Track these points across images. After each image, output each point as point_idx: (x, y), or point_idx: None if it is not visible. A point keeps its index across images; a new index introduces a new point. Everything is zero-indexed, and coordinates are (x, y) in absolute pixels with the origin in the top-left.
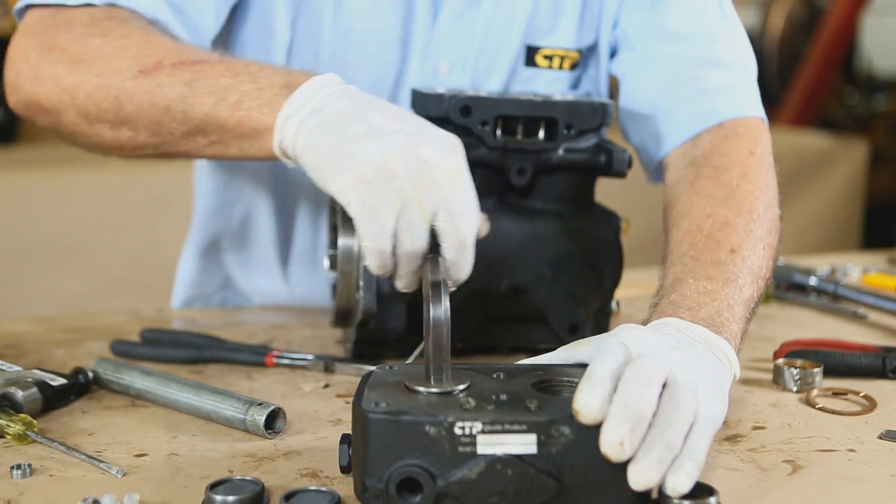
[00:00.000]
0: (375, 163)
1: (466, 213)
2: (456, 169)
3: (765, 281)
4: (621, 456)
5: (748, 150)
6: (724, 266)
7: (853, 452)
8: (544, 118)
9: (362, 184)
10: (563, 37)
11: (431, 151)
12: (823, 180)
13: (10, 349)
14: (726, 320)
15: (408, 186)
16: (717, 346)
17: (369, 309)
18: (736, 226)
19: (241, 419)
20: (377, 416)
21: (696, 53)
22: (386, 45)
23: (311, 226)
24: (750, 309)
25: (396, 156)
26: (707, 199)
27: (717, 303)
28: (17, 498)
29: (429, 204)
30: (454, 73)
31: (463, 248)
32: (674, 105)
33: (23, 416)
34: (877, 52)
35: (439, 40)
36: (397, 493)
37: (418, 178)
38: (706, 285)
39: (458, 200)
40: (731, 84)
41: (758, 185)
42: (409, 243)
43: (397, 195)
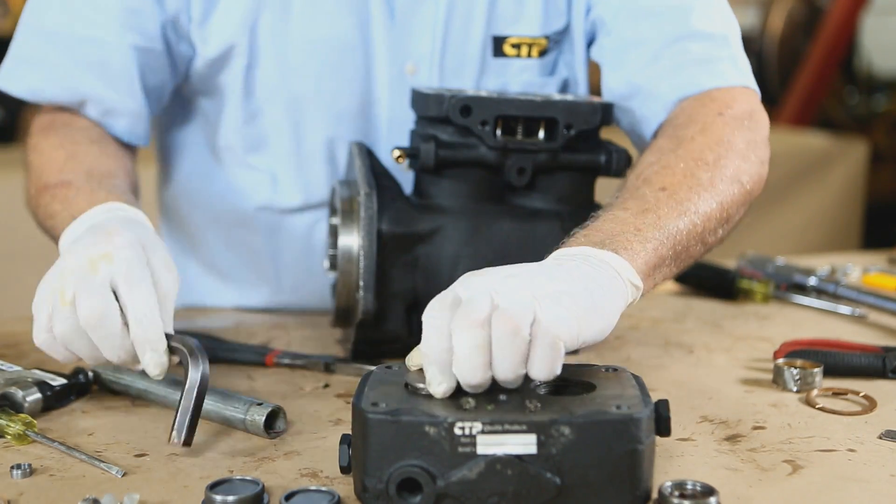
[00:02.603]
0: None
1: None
2: (107, 254)
3: (709, 222)
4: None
5: (717, 111)
6: (644, 199)
7: (853, 452)
8: (544, 118)
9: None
10: (528, 24)
11: (102, 251)
12: (823, 180)
13: (10, 349)
14: (626, 240)
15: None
16: (598, 258)
17: (369, 309)
18: (675, 169)
19: (241, 419)
20: (377, 417)
21: (673, 29)
22: (348, 51)
23: (304, 237)
24: (677, 241)
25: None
26: (656, 151)
27: (619, 226)
28: (17, 498)
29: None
30: (421, 72)
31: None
32: (653, 84)
33: (23, 416)
34: (877, 52)
35: (400, 40)
36: (397, 494)
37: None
38: (618, 214)
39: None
40: (710, 55)
41: (715, 139)
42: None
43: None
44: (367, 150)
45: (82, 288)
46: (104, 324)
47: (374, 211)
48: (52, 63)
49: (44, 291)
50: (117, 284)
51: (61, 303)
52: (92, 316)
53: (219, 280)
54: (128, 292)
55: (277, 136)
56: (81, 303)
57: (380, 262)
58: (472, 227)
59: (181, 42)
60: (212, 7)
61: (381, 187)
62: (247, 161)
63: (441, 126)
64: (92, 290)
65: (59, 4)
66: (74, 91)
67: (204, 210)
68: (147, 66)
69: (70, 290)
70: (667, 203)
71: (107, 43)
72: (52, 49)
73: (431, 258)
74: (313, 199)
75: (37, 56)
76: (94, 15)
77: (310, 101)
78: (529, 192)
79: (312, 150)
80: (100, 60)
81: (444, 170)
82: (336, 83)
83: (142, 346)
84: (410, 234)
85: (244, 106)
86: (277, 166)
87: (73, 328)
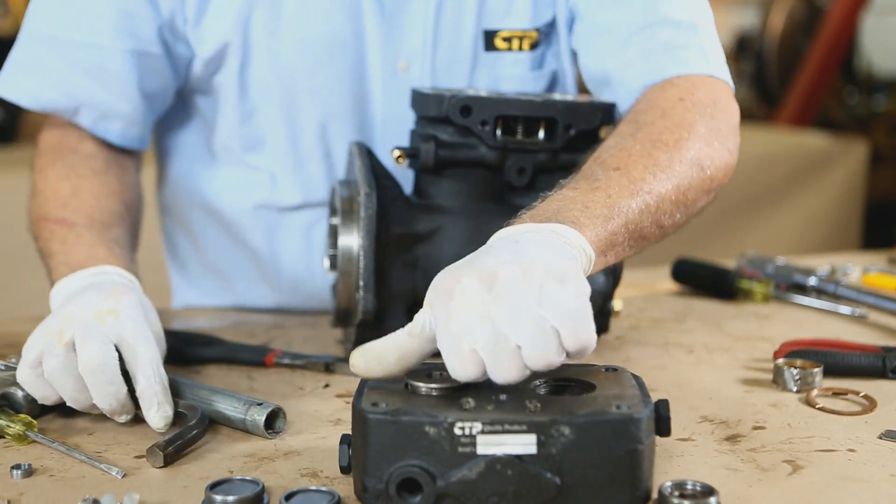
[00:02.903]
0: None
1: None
2: (115, 310)
3: (664, 203)
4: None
5: (678, 96)
6: (595, 178)
7: (853, 452)
8: (544, 118)
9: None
10: (519, 17)
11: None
12: (823, 180)
13: (10, 349)
14: (573, 215)
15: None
16: (546, 230)
17: (369, 309)
18: (631, 151)
19: (242, 419)
20: (377, 417)
21: (641, 15)
22: (340, 48)
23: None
24: (629, 219)
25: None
26: (615, 136)
27: (566, 203)
28: (17, 498)
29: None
30: (414, 68)
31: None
32: (622, 70)
33: (23, 416)
34: (877, 52)
35: (391, 37)
36: (397, 494)
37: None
38: (566, 193)
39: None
40: (677, 42)
41: (676, 123)
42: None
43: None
44: (367, 149)
45: (86, 334)
46: (104, 370)
47: (374, 211)
48: (49, 68)
49: (38, 332)
50: (124, 339)
51: (57, 342)
52: (93, 360)
53: (219, 280)
54: (135, 347)
55: (274, 134)
56: (85, 348)
57: (380, 262)
58: (472, 227)
59: (178, 44)
60: (205, 6)
61: (381, 187)
62: (245, 160)
63: (441, 126)
64: (96, 337)
65: (54, 10)
66: (70, 96)
67: (203, 209)
68: (145, 70)
69: (69, 332)
70: (618, 182)
71: (102, 48)
72: (49, 54)
73: (431, 258)
74: (312, 198)
75: (34, 62)
76: (89, 20)
77: (303, 99)
78: (529, 192)
79: (308, 148)
80: (95, 65)
81: (444, 170)
82: (329, 80)
83: (150, 400)
84: (410, 234)
85: (239, 105)
86: (275, 165)
87: (63, 366)
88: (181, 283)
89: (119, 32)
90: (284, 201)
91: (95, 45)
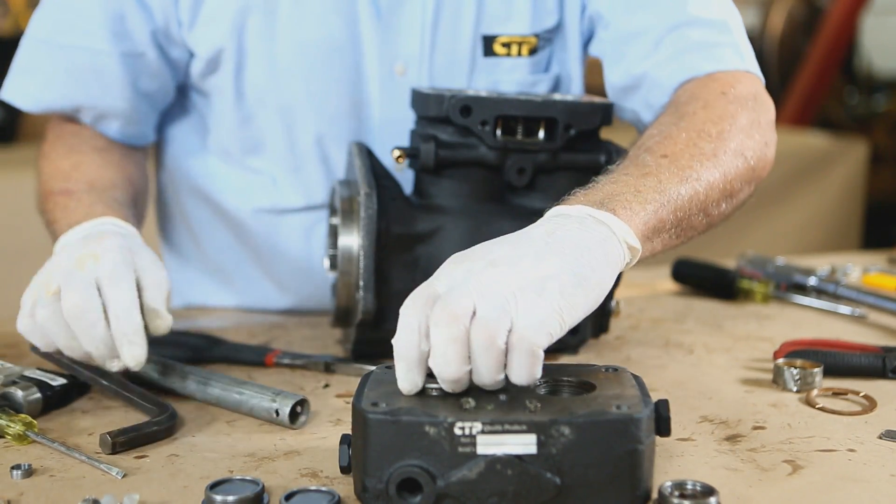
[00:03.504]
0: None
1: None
2: (95, 253)
3: (712, 191)
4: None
5: (719, 90)
6: (645, 165)
7: (853, 452)
8: (544, 118)
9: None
10: (518, 23)
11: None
12: (823, 180)
13: (10, 349)
14: (626, 200)
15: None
16: (595, 217)
17: (369, 309)
18: (677, 139)
19: (269, 407)
20: (377, 417)
21: (670, 16)
22: (336, 52)
23: (303, 239)
24: (678, 206)
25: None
26: (658, 125)
27: (619, 187)
28: (17, 498)
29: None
30: (411, 72)
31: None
32: (655, 72)
33: (23, 416)
34: (877, 52)
35: (388, 40)
36: (397, 494)
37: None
38: (618, 177)
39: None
40: (710, 40)
41: (718, 114)
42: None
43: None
44: (367, 150)
45: (67, 282)
46: (85, 316)
47: (374, 211)
48: (48, 72)
49: (33, 284)
50: (101, 282)
51: (46, 292)
52: (74, 308)
53: (219, 280)
54: (109, 289)
55: (272, 138)
56: (65, 295)
57: (380, 262)
58: (472, 227)
59: (173, 48)
60: (197, 11)
61: (381, 187)
62: (245, 163)
63: (441, 126)
64: (76, 284)
65: (53, 16)
66: (68, 98)
67: (203, 211)
68: (141, 72)
69: (55, 282)
70: (668, 168)
71: (97, 51)
72: (48, 59)
73: (431, 258)
74: (312, 201)
75: (34, 66)
76: (84, 25)
77: (300, 103)
78: (529, 192)
79: (307, 152)
80: (91, 68)
81: (444, 170)
82: (326, 84)
83: (119, 340)
84: (410, 234)
85: (237, 109)
86: (275, 169)
87: (53, 316)
88: (180, 281)
89: (113, 36)
90: (286, 204)
91: (91, 49)
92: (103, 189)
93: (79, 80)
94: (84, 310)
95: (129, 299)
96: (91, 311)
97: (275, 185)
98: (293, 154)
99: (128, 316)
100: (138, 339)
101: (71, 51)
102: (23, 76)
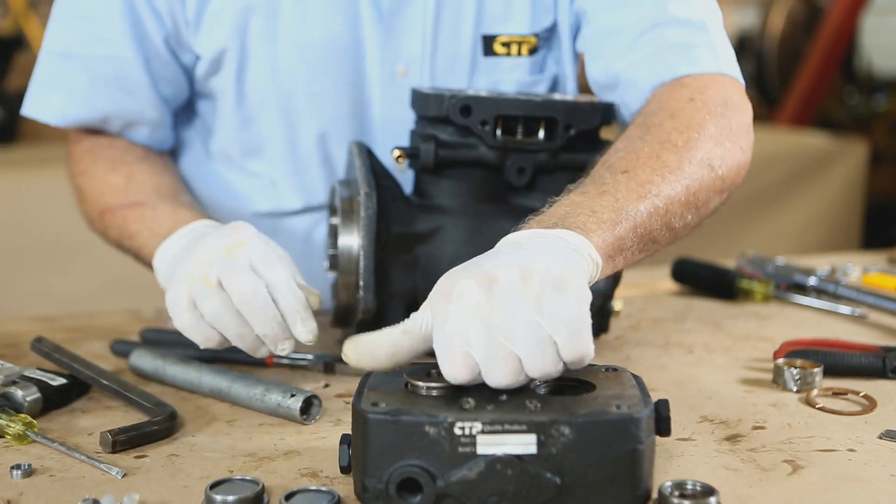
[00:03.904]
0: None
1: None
2: (241, 241)
3: (674, 205)
4: None
5: (688, 97)
6: (603, 182)
7: (853, 452)
8: (544, 118)
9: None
10: (518, 22)
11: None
12: (823, 180)
13: (10, 349)
14: (580, 220)
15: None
16: (552, 236)
17: (369, 309)
18: (640, 153)
19: (277, 403)
20: (377, 417)
21: (649, 15)
22: (338, 53)
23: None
24: (638, 223)
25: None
26: (625, 139)
27: (573, 208)
28: (17, 498)
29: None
30: (412, 73)
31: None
32: (631, 71)
33: (23, 416)
34: (877, 52)
35: (390, 42)
36: (397, 494)
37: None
38: (573, 198)
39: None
40: (686, 41)
41: (685, 123)
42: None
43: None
44: (367, 149)
45: (227, 271)
46: (257, 298)
47: (374, 211)
48: (72, 84)
49: (180, 281)
50: (256, 267)
51: (207, 285)
52: (245, 292)
53: None
54: (268, 271)
55: (273, 140)
56: (231, 283)
57: (380, 262)
58: (472, 227)
59: (184, 52)
60: (202, 12)
61: (381, 187)
62: (244, 166)
63: (441, 126)
64: (237, 271)
65: (69, 28)
66: (95, 109)
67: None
68: (160, 77)
69: (214, 274)
70: (626, 185)
71: (121, 59)
72: (70, 71)
73: (431, 258)
74: (312, 202)
75: (56, 79)
76: (106, 34)
77: (302, 105)
78: (529, 192)
79: (308, 154)
80: (116, 76)
81: (444, 170)
82: (327, 86)
83: (292, 317)
84: (410, 234)
85: (237, 111)
86: (275, 171)
87: (223, 306)
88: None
89: (136, 42)
90: (285, 206)
91: (115, 57)
92: (172, 195)
93: (104, 89)
94: (254, 293)
95: (289, 278)
96: (260, 294)
97: (274, 188)
98: (294, 155)
99: (293, 293)
100: (308, 313)
101: (94, 60)
102: (45, 90)
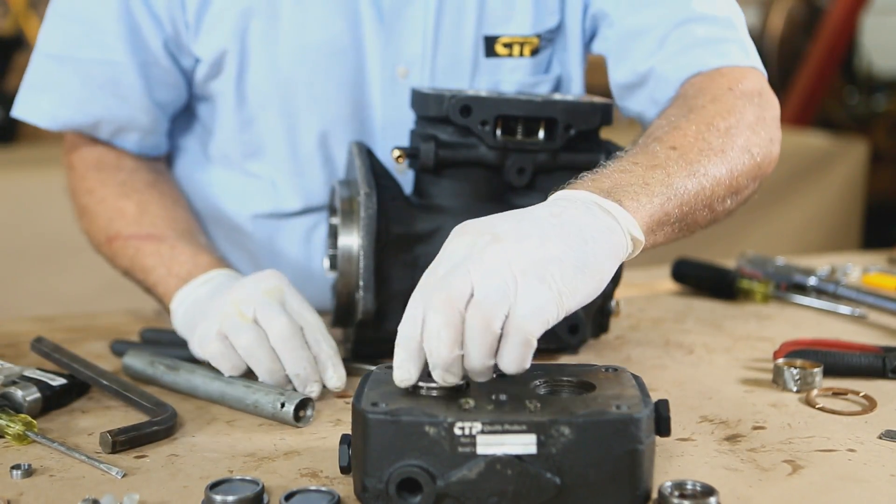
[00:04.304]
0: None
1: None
2: (279, 287)
3: (718, 187)
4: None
5: (727, 86)
6: (654, 155)
7: (853, 452)
8: (544, 118)
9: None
10: (519, 24)
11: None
12: (823, 180)
13: (10, 349)
14: (633, 192)
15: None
16: (600, 206)
17: (369, 309)
18: (686, 131)
19: (272, 405)
20: (376, 417)
21: (675, 13)
22: (338, 55)
23: (303, 240)
24: (685, 201)
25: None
26: (667, 116)
27: (627, 177)
28: (17, 498)
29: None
30: (413, 74)
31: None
32: (662, 67)
33: (23, 416)
34: (877, 52)
35: (390, 43)
36: (397, 494)
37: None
38: (627, 165)
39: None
40: (715, 36)
41: (726, 108)
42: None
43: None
44: (367, 149)
45: (267, 310)
46: (295, 337)
47: (374, 211)
48: (64, 87)
49: (215, 315)
50: (293, 311)
51: (242, 320)
52: (283, 331)
53: None
54: (305, 316)
55: (273, 142)
56: (270, 320)
57: (380, 262)
58: None
59: (184, 56)
60: (203, 14)
61: (381, 187)
62: (244, 168)
63: (441, 126)
64: (278, 311)
65: (63, 31)
66: (87, 113)
67: (202, 214)
68: (157, 82)
69: (250, 310)
70: (677, 162)
71: (115, 63)
72: (62, 74)
73: (431, 258)
74: (312, 203)
75: (48, 82)
76: (99, 37)
77: (303, 106)
78: (529, 192)
79: (308, 155)
80: (109, 80)
81: (444, 170)
82: (328, 87)
83: (325, 363)
84: (410, 234)
85: (238, 113)
86: (275, 172)
87: (258, 342)
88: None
89: (130, 47)
90: (285, 207)
91: (108, 62)
92: (188, 233)
93: (96, 93)
94: (293, 332)
95: (323, 326)
96: (297, 335)
97: (274, 189)
98: (294, 158)
99: (327, 339)
100: (339, 360)
101: (87, 64)
102: (36, 93)
